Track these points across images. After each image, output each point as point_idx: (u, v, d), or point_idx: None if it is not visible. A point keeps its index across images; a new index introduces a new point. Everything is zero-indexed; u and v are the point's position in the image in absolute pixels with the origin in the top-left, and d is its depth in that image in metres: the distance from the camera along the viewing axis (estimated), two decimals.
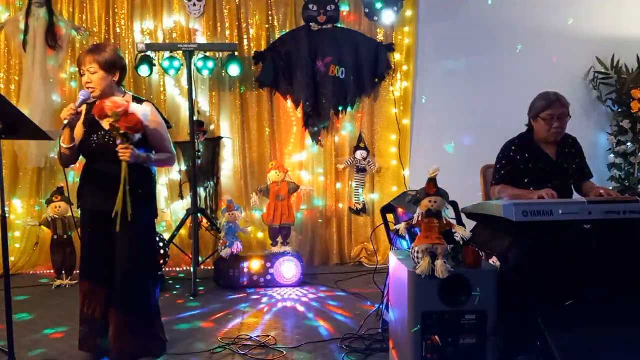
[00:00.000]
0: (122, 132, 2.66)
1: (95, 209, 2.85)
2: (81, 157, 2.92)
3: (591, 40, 4.99)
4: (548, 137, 3.13)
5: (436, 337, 2.44)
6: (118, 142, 2.69)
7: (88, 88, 2.80)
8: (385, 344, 3.01)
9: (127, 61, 3.56)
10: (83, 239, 2.97)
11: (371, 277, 3.84)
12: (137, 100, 2.87)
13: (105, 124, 2.78)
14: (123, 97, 2.82)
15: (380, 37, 5.00)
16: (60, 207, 4.39)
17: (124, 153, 2.68)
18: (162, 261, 4.30)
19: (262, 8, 4.90)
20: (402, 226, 2.57)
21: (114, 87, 2.86)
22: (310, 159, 5.07)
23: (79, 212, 3.00)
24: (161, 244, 4.30)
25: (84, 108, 2.87)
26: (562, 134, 3.15)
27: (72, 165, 2.99)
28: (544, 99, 3.11)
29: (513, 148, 3.19)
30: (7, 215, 2.71)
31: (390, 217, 3.28)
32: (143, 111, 2.72)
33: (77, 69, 4.74)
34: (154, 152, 2.89)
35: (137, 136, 2.74)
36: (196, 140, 4.56)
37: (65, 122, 2.73)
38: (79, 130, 2.87)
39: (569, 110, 3.13)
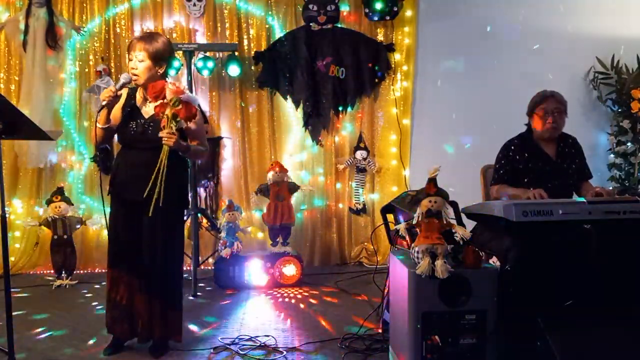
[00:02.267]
0: (178, 118, 2.66)
1: (129, 196, 2.85)
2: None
3: (591, 40, 4.99)
4: (543, 133, 3.15)
5: (436, 337, 2.44)
6: (163, 126, 2.69)
7: (132, 74, 2.81)
8: (385, 344, 3.01)
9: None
10: (113, 226, 2.95)
11: (371, 277, 3.84)
12: None
13: (147, 108, 2.81)
14: None
15: (380, 37, 5.00)
16: (60, 207, 4.39)
17: (169, 138, 2.69)
18: None
19: (262, 8, 4.90)
20: (402, 226, 2.57)
21: (158, 78, 2.85)
22: (310, 159, 5.06)
23: (110, 198, 2.99)
24: None
25: (124, 92, 2.88)
26: (557, 130, 3.16)
27: (104, 145, 2.98)
28: (538, 95, 3.21)
29: (512, 148, 3.20)
30: (7, 215, 2.71)
31: (390, 217, 3.28)
32: (194, 101, 2.75)
33: (76, 70, 4.83)
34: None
35: (182, 124, 2.75)
36: None
37: (104, 102, 2.75)
38: (117, 113, 2.88)
39: (565, 107, 3.16)
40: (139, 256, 2.90)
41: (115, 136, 3.02)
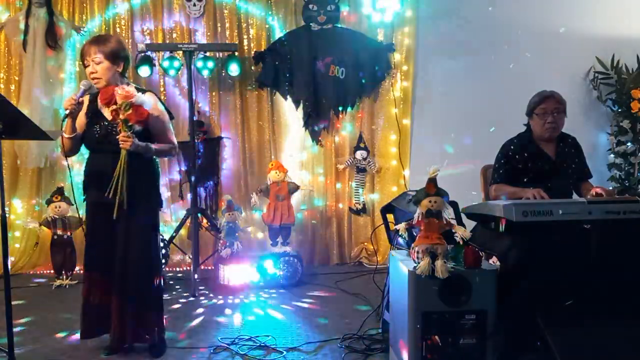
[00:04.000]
0: (129, 123, 2.67)
1: (98, 199, 2.85)
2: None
3: (591, 40, 4.99)
4: (543, 133, 3.15)
5: (436, 337, 2.44)
6: (119, 130, 2.71)
7: (93, 79, 2.81)
8: (385, 344, 3.01)
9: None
10: (87, 230, 2.98)
11: (371, 277, 3.84)
12: (140, 91, 2.86)
13: (107, 111, 2.80)
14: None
15: (380, 37, 4.99)
16: (60, 207, 4.39)
17: (125, 141, 2.70)
18: (163, 261, 4.30)
19: (262, 8, 4.90)
20: (402, 226, 2.57)
21: (118, 77, 2.87)
22: (310, 159, 5.07)
23: (85, 203, 3.00)
24: (161, 244, 4.29)
25: (86, 98, 2.88)
26: (557, 130, 3.16)
27: (73, 156, 2.97)
28: (538, 95, 3.20)
29: (512, 147, 3.20)
30: (7, 215, 2.71)
31: (390, 217, 3.28)
32: (148, 102, 2.76)
33: (76, 70, 4.83)
34: (154, 143, 2.89)
35: (136, 127, 2.75)
36: (196, 140, 4.56)
37: (67, 111, 2.75)
38: (81, 120, 2.88)
39: (564, 108, 3.16)
40: (113, 259, 2.89)
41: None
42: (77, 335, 3.27)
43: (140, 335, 2.96)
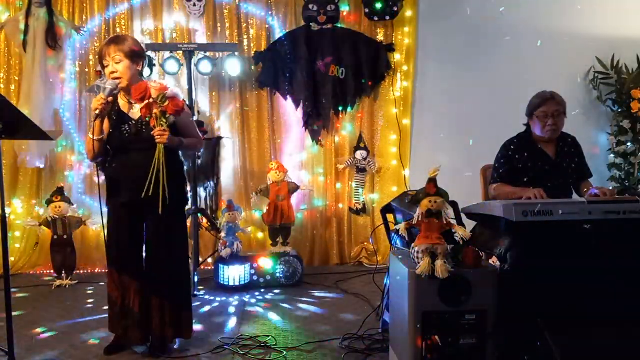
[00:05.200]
0: (167, 115, 2.67)
1: (130, 199, 2.84)
2: None
3: (591, 40, 4.99)
4: (543, 135, 3.16)
5: (436, 337, 2.44)
6: (153, 125, 2.69)
7: (114, 78, 2.79)
8: (385, 344, 3.01)
9: None
10: (115, 231, 2.94)
11: (371, 277, 3.84)
12: None
13: (134, 110, 2.80)
14: None
15: (380, 37, 4.99)
16: (60, 207, 4.39)
17: (162, 135, 2.69)
18: None
19: (262, 8, 4.90)
20: (402, 226, 2.57)
21: (137, 76, 2.86)
22: (310, 159, 5.07)
23: (107, 206, 2.95)
24: None
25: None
26: (557, 132, 3.16)
27: (100, 160, 2.92)
28: (538, 97, 3.18)
29: (512, 147, 3.20)
30: (7, 215, 2.71)
31: (390, 217, 3.28)
32: (179, 96, 2.76)
33: (76, 70, 4.84)
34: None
35: (172, 119, 2.74)
36: None
37: (97, 112, 2.72)
38: (105, 123, 2.85)
39: (564, 109, 3.15)
40: (142, 259, 2.91)
41: None
42: (78, 335, 3.29)
43: (178, 332, 2.98)
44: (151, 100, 2.69)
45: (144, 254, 2.96)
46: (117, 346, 3.03)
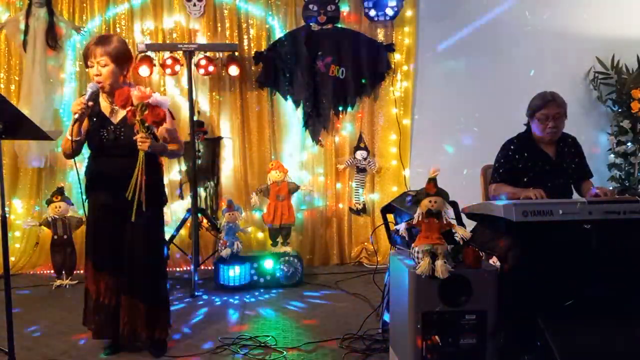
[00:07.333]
0: (147, 124, 2.65)
1: (106, 202, 2.84)
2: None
3: (591, 40, 4.99)
4: (544, 137, 3.16)
5: (436, 337, 2.44)
6: (136, 130, 2.68)
7: (97, 82, 2.77)
8: (385, 344, 3.01)
9: None
10: (93, 233, 2.95)
11: (371, 277, 3.84)
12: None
13: (115, 115, 2.79)
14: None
15: (380, 37, 4.99)
16: (60, 207, 4.39)
17: (144, 142, 2.67)
18: None
19: (262, 8, 4.90)
20: (402, 226, 2.57)
21: (122, 81, 2.84)
22: (310, 159, 5.07)
23: (86, 204, 2.97)
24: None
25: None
26: (557, 133, 3.16)
27: (75, 157, 2.92)
28: (539, 99, 3.16)
29: (512, 147, 3.20)
30: (7, 215, 2.71)
31: (390, 217, 3.28)
32: (164, 102, 2.72)
33: (76, 70, 4.83)
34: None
35: (152, 128, 2.73)
36: (196, 140, 4.56)
37: (76, 116, 2.71)
38: (85, 122, 2.84)
39: (565, 110, 3.15)
40: (121, 259, 2.89)
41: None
42: (78, 335, 3.28)
43: (151, 332, 2.96)
44: (132, 108, 2.67)
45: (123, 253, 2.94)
46: (117, 346, 3.02)
